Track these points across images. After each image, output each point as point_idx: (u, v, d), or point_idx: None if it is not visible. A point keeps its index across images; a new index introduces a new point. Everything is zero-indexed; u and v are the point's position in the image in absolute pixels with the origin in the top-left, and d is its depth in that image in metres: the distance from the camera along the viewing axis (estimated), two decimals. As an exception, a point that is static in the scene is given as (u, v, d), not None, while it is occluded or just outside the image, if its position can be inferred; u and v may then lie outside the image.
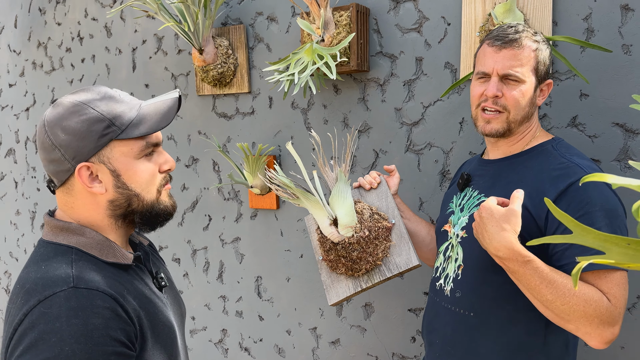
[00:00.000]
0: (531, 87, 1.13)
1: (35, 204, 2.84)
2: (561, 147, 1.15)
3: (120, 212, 0.93)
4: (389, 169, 1.42)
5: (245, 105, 2.02)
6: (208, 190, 2.17)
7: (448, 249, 1.25)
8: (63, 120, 0.87)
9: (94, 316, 0.80)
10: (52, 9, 2.58)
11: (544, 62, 1.14)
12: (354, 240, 1.26)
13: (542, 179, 1.10)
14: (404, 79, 1.67)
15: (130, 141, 0.90)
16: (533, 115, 1.18)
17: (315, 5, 1.56)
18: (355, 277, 1.31)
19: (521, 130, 1.18)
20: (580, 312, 0.96)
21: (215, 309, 2.24)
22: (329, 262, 1.33)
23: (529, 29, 1.15)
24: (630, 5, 1.33)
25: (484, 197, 1.19)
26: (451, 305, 1.19)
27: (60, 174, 0.89)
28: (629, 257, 0.54)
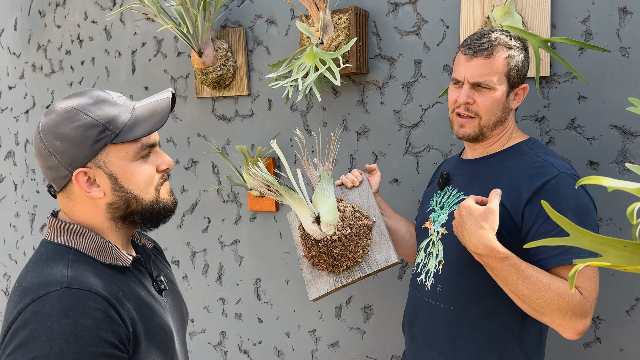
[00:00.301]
0: (503, 94, 1.17)
1: (34, 207, 2.84)
2: (536, 147, 1.20)
3: (120, 214, 0.94)
4: (370, 168, 1.45)
5: (244, 108, 2.02)
6: (207, 193, 2.17)
7: (429, 246, 1.29)
8: (57, 127, 0.87)
9: (84, 317, 0.80)
10: (52, 12, 2.59)
11: (517, 68, 1.17)
12: (335, 237, 1.29)
13: (518, 177, 1.14)
14: (402, 82, 1.67)
15: (126, 144, 0.90)
16: (507, 118, 1.21)
17: (314, 8, 1.56)
18: (336, 274, 1.34)
19: (495, 134, 1.22)
20: (554, 305, 1.02)
21: (214, 311, 2.24)
22: (311, 259, 1.36)
23: (504, 34, 1.18)
24: (629, 8, 1.33)
25: (463, 195, 1.23)
26: (432, 299, 1.23)
27: (59, 180, 0.90)
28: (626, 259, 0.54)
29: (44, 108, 2.71)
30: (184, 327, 1.08)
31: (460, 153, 1.37)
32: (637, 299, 1.40)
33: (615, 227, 1.40)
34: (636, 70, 1.34)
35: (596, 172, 1.41)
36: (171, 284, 1.09)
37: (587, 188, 1.12)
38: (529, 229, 1.09)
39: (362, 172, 1.44)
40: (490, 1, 1.48)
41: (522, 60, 1.18)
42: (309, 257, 1.36)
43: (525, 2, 1.43)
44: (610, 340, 1.43)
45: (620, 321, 1.42)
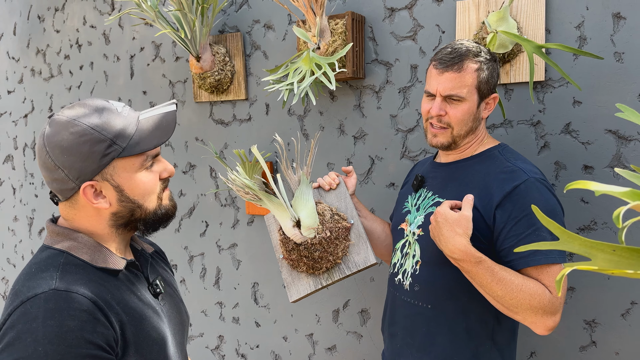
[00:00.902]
0: (473, 105, 1.22)
1: (33, 210, 2.85)
2: (507, 153, 1.25)
3: (122, 222, 0.96)
4: (346, 170, 1.47)
5: (242, 112, 2.03)
6: (205, 197, 2.18)
7: (405, 246, 1.32)
8: (64, 141, 0.88)
9: (69, 318, 0.81)
10: (50, 17, 2.60)
11: (486, 80, 1.21)
12: (316, 241, 1.31)
13: (489, 180, 1.19)
14: (399, 86, 1.68)
15: (132, 157, 0.92)
16: (478, 127, 1.26)
17: (311, 13, 1.58)
18: (315, 275, 1.36)
19: (467, 141, 1.27)
20: (526, 305, 1.07)
21: (211, 315, 2.24)
22: (290, 261, 1.37)
23: (474, 47, 1.22)
24: (622, 13, 1.34)
25: (437, 197, 1.27)
26: (410, 298, 1.27)
27: (65, 192, 0.92)
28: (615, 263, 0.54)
29: (43, 112, 2.72)
30: (183, 331, 1.08)
31: (434, 156, 1.42)
32: (632, 303, 1.40)
33: (610, 231, 1.40)
34: (630, 75, 1.35)
35: (591, 176, 1.42)
36: (170, 288, 1.09)
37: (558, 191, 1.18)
38: (500, 231, 1.14)
39: (338, 174, 1.46)
40: (486, 6, 1.49)
41: (491, 72, 1.22)
42: (289, 260, 1.38)
43: (520, 8, 1.44)
44: (605, 343, 1.44)
45: (616, 325, 1.42)
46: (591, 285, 1.44)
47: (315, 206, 1.34)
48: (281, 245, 1.38)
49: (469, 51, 1.21)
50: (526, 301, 1.07)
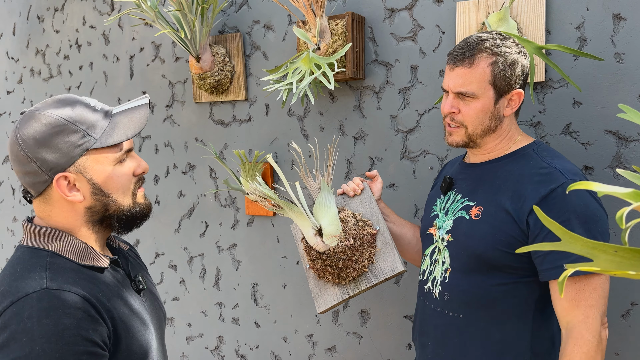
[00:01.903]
0: (489, 102, 1.14)
1: (32, 211, 2.84)
2: (542, 151, 1.17)
3: (97, 218, 0.96)
4: (370, 175, 1.43)
5: (242, 113, 2.03)
6: (205, 197, 2.18)
7: (434, 252, 1.26)
8: (37, 133, 0.88)
9: (65, 316, 0.81)
10: (50, 17, 2.59)
11: (503, 74, 1.13)
12: (339, 249, 1.27)
13: (523, 182, 1.12)
14: (399, 87, 1.68)
15: (106, 149, 0.92)
16: (499, 126, 1.18)
17: (311, 14, 1.57)
18: (342, 285, 1.32)
19: (490, 140, 1.20)
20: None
21: (211, 316, 2.23)
22: (316, 271, 1.34)
23: (495, 39, 1.14)
24: (623, 14, 1.34)
25: (467, 200, 1.21)
26: (440, 307, 1.22)
27: (38, 185, 0.91)
28: (616, 264, 0.54)
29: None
30: (162, 327, 1.10)
31: (464, 156, 1.34)
32: (632, 304, 1.40)
33: (610, 232, 1.40)
34: (631, 75, 1.35)
35: (591, 177, 1.42)
36: (148, 284, 1.10)
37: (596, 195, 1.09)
38: (535, 238, 1.08)
39: (363, 179, 1.43)
40: (486, 7, 1.49)
41: (511, 65, 1.13)
42: (314, 269, 1.34)
43: (520, 9, 1.44)
44: (606, 344, 1.44)
45: (616, 325, 1.42)
46: (591, 286, 1.44)
47: (337, 213, 1.30)
48: (305, 254, 1.35)
49: (484, 43, 1.13)
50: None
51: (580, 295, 1.04)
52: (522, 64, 1.15)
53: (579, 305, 1.05)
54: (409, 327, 1.75)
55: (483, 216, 1.16)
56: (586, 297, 1.04)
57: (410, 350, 1.76)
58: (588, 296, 1.04)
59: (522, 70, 1.16)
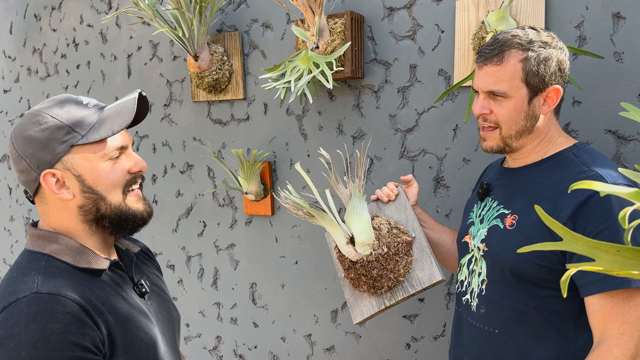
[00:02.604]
0: (522, 101, 1.07)
1: (29, 210, 2.83)
2: (583, 154, 1.08)
3: (91, 217, 0.94)
4: (405, 180, 1.38)
5: (240, 112, 2.02)
6: (203, 197, 2.17)
7: (471, 262, 1.21)
8: (25, 130, 0.90)
9: (52, 321, 0.81)
10: (47, 15, 2.58)
11: (536, 71, 1.05)
12: (372, 258, 1.23)
13: (560, 190, 1.04)
14: (398, 86, 1.68)
15: (92, 145, 0.91)
16: (536, 126, 1.10)
17: (310, 12, 1.57)
18: (378, 295, 1.28)
19: (527, 143, 1.12)
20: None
21: (209, 316, 2.23)
22: (351, 280, 1.30)
23: (524, 34, 1.07)
24: (622, 13, 1.34)
25: (502, 208, 1.14)
26: (476, 321, 1.16)
27: (30, 184, 0.92)
28: (619, 264, 0.54)
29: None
30: (174, 330, 1.08)
31: (503, 160, 1.27)
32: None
33: (609, 231, 1.40)
34: (630, 75, 1.35)
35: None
36: (156, 287, 1.08)
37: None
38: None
39: (397, 184, 1.38)
40: (485, 6, 1.49)
41: (544, 61, 1.05)
42: (349, 279, 1.30)
43: (519, 7, 1.44)
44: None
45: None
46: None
47: (370, 220, 1.25)
48: (339, 263, 1.31)
49: (514, 39, 1.06)
50: None
51: (616, 310, 0.95)
52: (558, 59, 1.07)
53: (614, 321, 0.95)
54: (407, 327, 1.75)
55: (517, 226, 1.09)
56: (624, 312, 0.94)
57: (408, 350, 1.75)
58: (627, 312, 0.94)
59: (559, 65, 1.07)
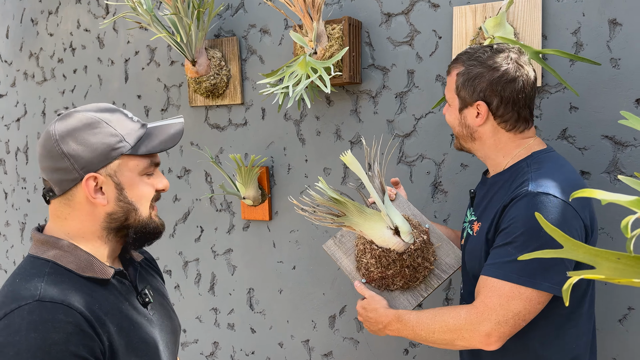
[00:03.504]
0: (455, 109, 1.21)
1: (25, 215, 2.81)
2: (534, 163, 1.13)
3: (116, 226, 0.95)
4: (394, 182, 1.46)
5: (237, 117, 2.02)
6: (200, 202, 2.16)
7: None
8: (76, 131, 0.90)
9: (54, 331, 0.80)
10: (44, 20, 2.58)
11: (463, 84, 1.16)
12: (417, 246, 1.26)
13: (504, 197, 1.12)
14: (395, 91, 1.68)
15: (138, 158, 0.94)
16: (478, 136, 1.19)
17: (308, 18, 1.57)
18: (412, 289, 1.30)
19: (477, 149, 1.22)
20: (447, 339, 1.11)
21: (206, 322, 2.22)
22: (383, 280, 1.29)
23: (474, 51, 1.17)
24: (618, 19, 1.35)
25: (473, 215, 1.24)
26: None
27: (65, 183, 0.91)
28: (620, 271, 0.54)
29: (36, 116, 2.69)
30: (175, 340, 1.07)
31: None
32: (629, 308, 1.40)
33: (607, 237, 1.41)
34: (626, 81, 1.35)
35: (588, 182, 1.42)
36: (159, 296, 1.08)
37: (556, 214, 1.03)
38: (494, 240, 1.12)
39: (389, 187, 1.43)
40: (483, 12, 1.49)
41: (474, 78, 1.14)
42: (378, 280, 1.29)
43: (517, 14, 1.44)
44: (603, 349, 1.44)
45: (613, 330, 1.42)
46: (588, 291, 1.44)
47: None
48: (374, 264, 1.28)
49: (463, 55, 1.18)
50: (446, 337, 1.10)
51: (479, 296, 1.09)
52: (489, 78, 1.13)
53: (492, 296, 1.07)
54: (405, 332, 1.75)
55: (478, 232, 1.18)
56: (482, 294, 1.08)
57: (406, 356, 1.75)
58: (487, 301, 1.07)
59: (489, 85, 1.13)
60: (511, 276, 1.04)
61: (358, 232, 1.27)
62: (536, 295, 1.03)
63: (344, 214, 1.24)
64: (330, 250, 1.40)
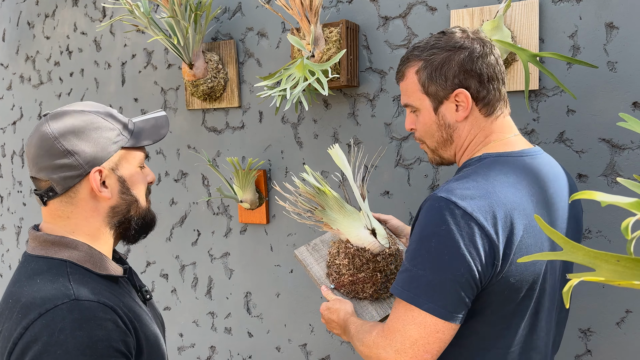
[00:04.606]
0: (429, 111, 1.05)
1: (20, 219, 2.80)
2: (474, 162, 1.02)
3: (119, 219, 0.97)
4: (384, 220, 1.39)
5: (235, 120, 2.02)
6: (197, 205, 2.16)
7: None
8: (76, 127, 0.91)
9: (97, 328, 0.82)
10: (40, 23, 2.57)
11: (431, 79, 1.02)
12: (393, 251, 1.24)
13: None
14: (393, 94, 1.68)
15: (134, 150, 0.98)
16: (457, 133, 1.05)
17: (306, 21, 1.57)
18: (381, 301, 1.26)
19: (456, 152, 1.09)
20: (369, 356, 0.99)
21: (203, 326, 2.21)
22: (351, 286, 1.25)
23: (427, 42, 1.05)
24: (615, 23, 1.36)
25: None
26: None
27: (69, 180, 0.91)
28: (619, 274, 0.54)
29: (32, 119, 2.68)
30: (165, 336, 1.10)
31: None
32: (627, 311, 1.40)
33: (604, 240, 1.41)
34: (624, 84, 1.36)
35: (585, 185, 1.42)
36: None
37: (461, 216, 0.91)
38: None
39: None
40: (480, 15, 1.50)
41: (440, 66, 1.01)
42: (347, 286, 1.25)
43: (514, 17, 1.45)
44: (601, 352, 1.43)
45: (611, 333, 1.42)
46: (586, 294, 1.44)
47: None
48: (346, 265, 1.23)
49: (414, 50, 1.06)
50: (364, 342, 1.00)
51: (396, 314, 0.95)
52: (459, 60, 1.00)
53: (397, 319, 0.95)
54: (403, 335, 1.74)
55: None
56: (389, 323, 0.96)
57: None
58: (390, 324, 0.96)
59: (463, 67, 1.00)
60: (395, 288, 0.94)
61: (335, 230, 1.25)
62: (430, 320, 0.89)
63: (324, 208, 1.22)
64: (302, 255, 1.36)
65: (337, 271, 1.27)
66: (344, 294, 1.27)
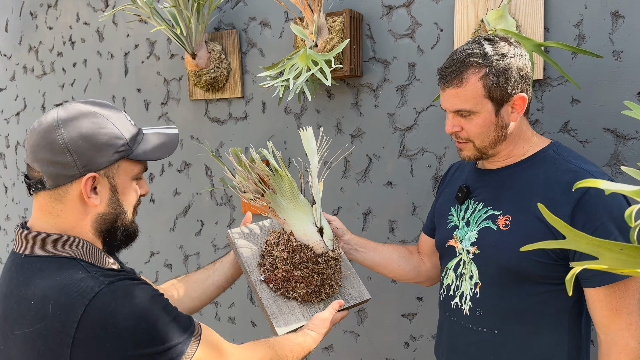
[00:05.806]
0: (489, 114, 1.10)
1: (25, 209, 2.81)
2: (563, 152, 1.13)
3: (105, 227, 0.95)
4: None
5: (238, 110, 2.02)
6: (200, 196, 2.16)
7: (459, 266, 1.21)
8: (84, 128, 0.89)
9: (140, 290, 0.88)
10: (43, 13, 2.57)
11: (497, 85, 1.07)
12: (335, 255, 1.20)
13: (551, 186, 1.08)
14: (397, 85, 1.68)
15: (134, 162, 0.95)
16: (510, 134, 1.13)
17: (309, 10, 1.56)
18: (310, 304, 1.20)
19: (503, 149, 1.15)
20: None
21: (207, 316, 2.22)
22: (283, 282, 1.18)
23: (479, 49, 1.09)
24: (621, 12, 1.34)
25: (491, 209, 1.16)
26: (472, 324, 1.17)
27: (61, 178, 0.88)
28: (622, 262, 0.54)
29: (36, 110, 2.69)
30: None
31: (475, 162, 1.28)
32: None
33: (608, 230, 1.40)
34: (629, 73, 1.35)
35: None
36: None
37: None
38: None
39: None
40: (484, 5, 1.48)
41: (503, 73, 1.07)
42: (279, 281, 1.18)
43: (519, 6, 1.44)
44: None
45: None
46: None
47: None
48: (285, 259, 1.17)
49: (470, 57, 1.08)
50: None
51: (621, 303, 1.03)
52: (517, 67, 1.09)
53: (620, 314, 1.03)
54: (406, 325, 1.75)
55: (513, 226, 1.11)
56: (627, 304, 1.02)
57: (407, 349, 1.75)
58: (628, 303, 1.02)
59: (519, 73, 1.09)
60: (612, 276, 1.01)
61: (280, 219, 1.19)
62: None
63: (275, 193, 1.16)
64: (235, 237, 1.26)
65: (272, 263, 1.19)
66: (272, 289, 1.20)
